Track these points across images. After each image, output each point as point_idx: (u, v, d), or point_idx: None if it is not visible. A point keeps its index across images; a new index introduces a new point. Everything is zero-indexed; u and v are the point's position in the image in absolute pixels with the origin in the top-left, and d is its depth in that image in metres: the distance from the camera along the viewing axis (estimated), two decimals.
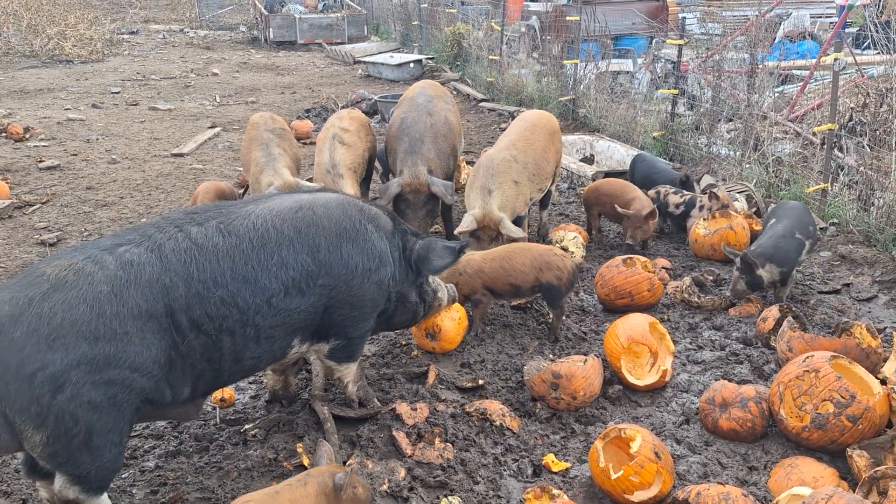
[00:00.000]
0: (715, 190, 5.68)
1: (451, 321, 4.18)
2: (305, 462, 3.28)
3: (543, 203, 5.81)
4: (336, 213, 3.26)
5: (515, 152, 5.25)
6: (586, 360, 3.74)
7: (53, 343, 2.46)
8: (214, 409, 3.79)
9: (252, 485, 3.20)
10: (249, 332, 2.90)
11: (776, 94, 8.84)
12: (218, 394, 3.82)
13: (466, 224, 4.85)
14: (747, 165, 6.87)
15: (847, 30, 12.95)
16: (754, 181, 6.55)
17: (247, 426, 3.62)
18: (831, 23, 12.72)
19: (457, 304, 4.24)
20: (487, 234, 4.90)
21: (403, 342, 4.43)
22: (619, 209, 5.51)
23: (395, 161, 5.58)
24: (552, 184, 5.79)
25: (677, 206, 5.85)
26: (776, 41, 12.13)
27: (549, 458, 3.36)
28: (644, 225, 5.46)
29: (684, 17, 8.77)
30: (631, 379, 3.87)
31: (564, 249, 5.27)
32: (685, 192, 5.96)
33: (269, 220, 3.05)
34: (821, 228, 5.60)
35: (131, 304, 2.60)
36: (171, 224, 2.90)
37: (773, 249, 4.54)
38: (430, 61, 15.07)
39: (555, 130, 5.69)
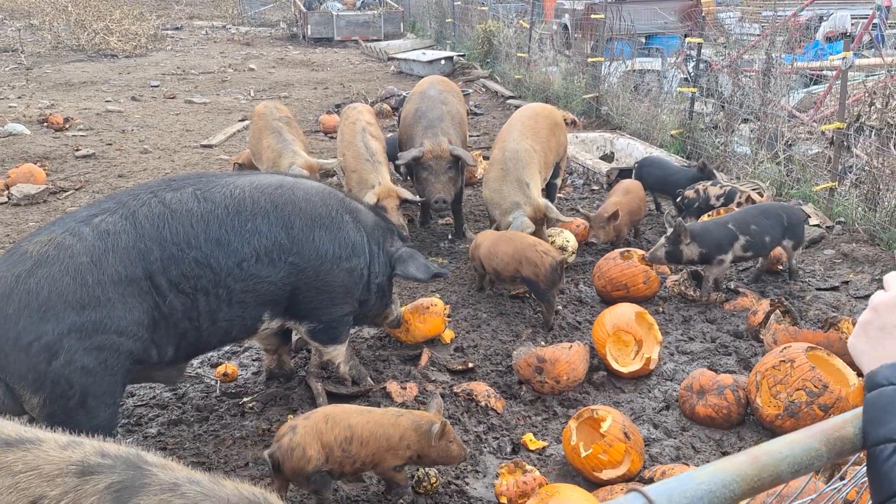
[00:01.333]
0: (760, 192, 5.65)
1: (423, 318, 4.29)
2: None
3: (549, 196, 5.92)
4: (315, 198, 3.43)
5: (532, 142, 5.36)
6: (571, 346, 3.87)
7: (44, 315, 2.68)
8: (216, 382, 4.01)
9: (245, 452, 3.41)
10: (222, 294, 3.09)
11: (802, 94, 8.82)
12: (221, 368, 4.05)
13: (526, 227, 4.89)
14: (762, 164, 6.89)
15: (888, 31, 12.72)
16: (768, 180, 6.56)
17: (245, 399, 3.84)
18: (874, 24, 12.54)
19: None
20: (537, 224, 5.05)
21: None
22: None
23: (411, 145, 5.74)
24: (558, 178, 5.90)
25: (718, 197, 5.66)
26: (813, 41, 12.00)
27: (528, 437, 3.50)
28: (606, 225, 5.33)
29: (703, 15, 8.74)
30: (615, 366, 3.98)
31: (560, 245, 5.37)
32: (723, 183, 5.85)
33: (248, 190, 3.23)
34: (827, 227, 5.62)
35: (111, 272, 2.81)
36: (146, 191, 3.10)
37: (701, 229, 4.67)
38: (461, 58, 15.21)
39: (557, 122, 5.78)
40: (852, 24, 14.90)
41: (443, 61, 14.68)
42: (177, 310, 2.98)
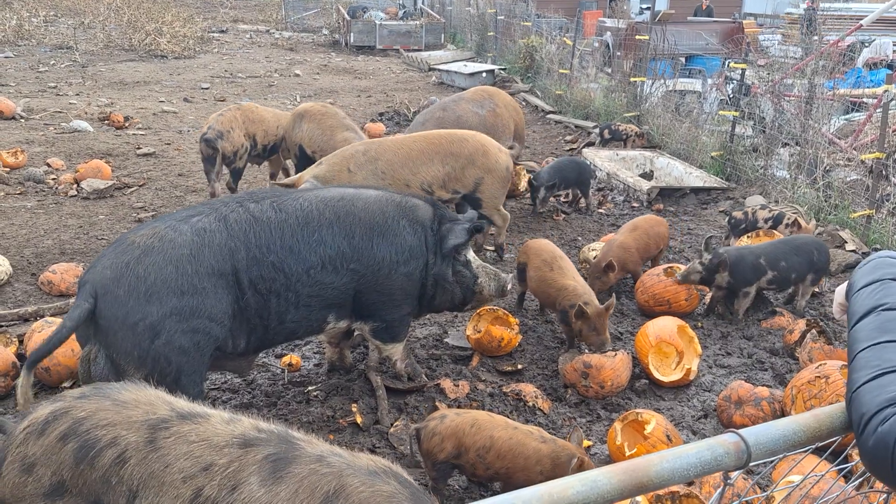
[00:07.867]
0: (800, 219, 5.86)
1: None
2: (358, 420, 3.76)
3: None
4: (373, 207, 3.68)
5: (376, 147, 5.32)
6: (615, 355, 4.11)
7: (150, 298, 3.00)
8: (283, 371, 4.31)
9: None
10: (291, 297, 3.39)
11: (842, 122, 8.96)
12: (286, 359, 4.35)
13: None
14: (800, 189, 7.07)
15: None
16: (806, 205, 6.74)
17: (310, 388, 4.13)
18: None
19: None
20: None
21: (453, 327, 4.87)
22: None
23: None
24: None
25: (766, 220, 5.94)
26: (855, 68, 12.09)
27: None
28: (602, 276, 5.11)
29: (747, 40, 8.93)
30: (657, 375, 4.21)
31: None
32: (773, 207, 6.11)
33: (315, 203, 3.53)
34: (863, 253, 5.80)
35: (207, 264, 3.13)
36: (233, 200, 3.45)
37: (735, 260, 4.83)
38: (502, 72, 15.49)
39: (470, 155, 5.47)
40: (894, 52, 14.93)
41: (484, 74, 14.98)
42: (251, 306, 3.29)
